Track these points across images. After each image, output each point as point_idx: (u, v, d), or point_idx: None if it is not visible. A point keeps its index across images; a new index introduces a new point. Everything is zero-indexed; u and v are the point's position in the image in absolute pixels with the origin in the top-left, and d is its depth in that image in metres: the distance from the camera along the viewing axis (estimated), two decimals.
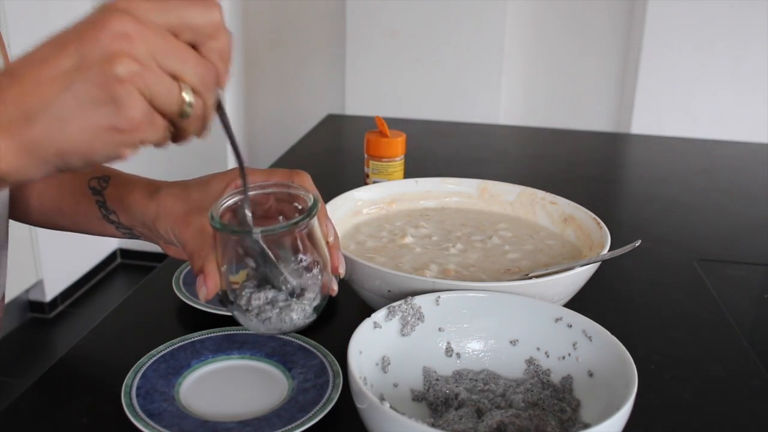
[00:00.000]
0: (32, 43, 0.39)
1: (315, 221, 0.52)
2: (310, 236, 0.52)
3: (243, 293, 0.52)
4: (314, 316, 0.54)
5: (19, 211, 0.69)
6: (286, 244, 0.52)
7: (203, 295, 0.52)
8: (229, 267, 0.52)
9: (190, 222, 0.56)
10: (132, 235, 0.65)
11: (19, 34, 2.02)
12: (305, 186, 0.56)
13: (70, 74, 0.37)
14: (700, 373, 0.67)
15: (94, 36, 0.36)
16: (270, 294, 0.52)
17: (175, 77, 0.38)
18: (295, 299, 0.53)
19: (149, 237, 0.63)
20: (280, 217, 0.55)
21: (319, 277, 0.53)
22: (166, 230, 0.59)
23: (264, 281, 0.52)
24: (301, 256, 0.52)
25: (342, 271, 0.56)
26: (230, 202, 0.53)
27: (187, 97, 0.39)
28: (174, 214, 0.58)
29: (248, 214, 0.52)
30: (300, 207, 0.54)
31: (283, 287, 0.53)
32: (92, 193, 0.65)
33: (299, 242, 0.52)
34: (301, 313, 0.53)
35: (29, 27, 2.10)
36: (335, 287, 0.56)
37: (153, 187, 0.61)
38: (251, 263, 0.51)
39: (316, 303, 0.54)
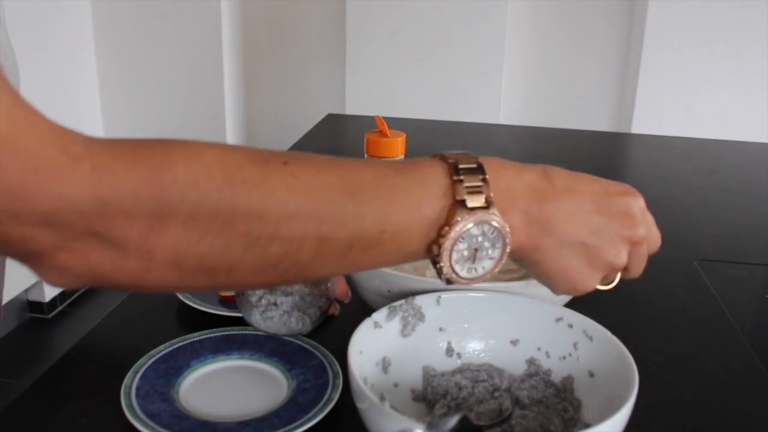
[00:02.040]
0: (32, 43, 0.39)
1: None
2: None
3: (256, 290, 0.60)
4: (310, 328, 0.64)
5: None
6: None
7: None
8: None
9: None
10: None
11: (19, 34, 2.02)
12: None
13: (595, 231, 0.47)
14: (701, 373, 0.67)
15: (631, 226, 0.48)
16: (279, 299, 0.61)
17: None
18: (297, 310, 0.61)
19: None
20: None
21: (324, 299, 0.63)
22: None
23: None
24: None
25: (348, 296, 0.68)
26: None
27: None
28: None
29: None
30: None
31: (292, 297, 0.61)
32: None
33: None
34: (299, 322, 0.62)
35: (30, 27, 2.10)
36: (337, 308, 0.69)
37: None
38: None
39: (314, 318, 0.63)
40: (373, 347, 0.55)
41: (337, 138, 1.57)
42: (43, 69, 2.19)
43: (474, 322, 0.60)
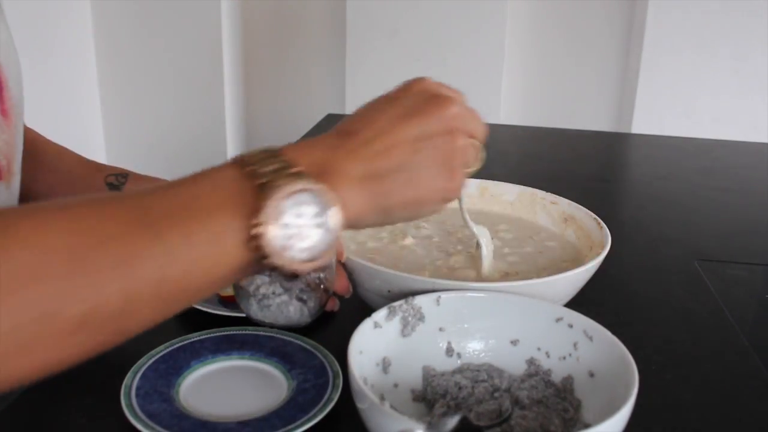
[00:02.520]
0: (32, 43, 0.39)
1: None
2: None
3: (254, 280, 0.58)
4: (308, 320, 0.62)
5: None
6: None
7: None
8: None
9: None
10: None
11: (19, 34, 2.02)
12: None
13: (417, 142, 0.46)
14: (701, 373, 0.67)
15: (437, 114, 0.47)
16: (278, 289, 0.59)
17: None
18: (296, 300, 0.60)
19: None
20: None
21: (323, 291, 0.62)
22: None
23: (275, 276, 0.59)
24: (315, 274, 0.61)
25: (349, 292, 0.66)
26: None
27: (482, 153, 0.50)
28: None
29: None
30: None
31: (290, 288, 0.60)
32: (109, 188, 0.67)
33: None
34: (297, 313, 0.61)
35: (29, 27, 2.10)
36: (336, 303, 0.67)
37: None
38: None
39: (314, 310, 0.62)
40: (373, 347, 0.55)
41: None
42: (43, 69, 2.19)
43: (474, 322, 0.60)
